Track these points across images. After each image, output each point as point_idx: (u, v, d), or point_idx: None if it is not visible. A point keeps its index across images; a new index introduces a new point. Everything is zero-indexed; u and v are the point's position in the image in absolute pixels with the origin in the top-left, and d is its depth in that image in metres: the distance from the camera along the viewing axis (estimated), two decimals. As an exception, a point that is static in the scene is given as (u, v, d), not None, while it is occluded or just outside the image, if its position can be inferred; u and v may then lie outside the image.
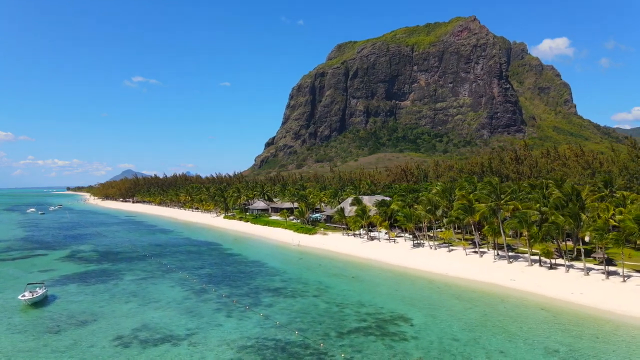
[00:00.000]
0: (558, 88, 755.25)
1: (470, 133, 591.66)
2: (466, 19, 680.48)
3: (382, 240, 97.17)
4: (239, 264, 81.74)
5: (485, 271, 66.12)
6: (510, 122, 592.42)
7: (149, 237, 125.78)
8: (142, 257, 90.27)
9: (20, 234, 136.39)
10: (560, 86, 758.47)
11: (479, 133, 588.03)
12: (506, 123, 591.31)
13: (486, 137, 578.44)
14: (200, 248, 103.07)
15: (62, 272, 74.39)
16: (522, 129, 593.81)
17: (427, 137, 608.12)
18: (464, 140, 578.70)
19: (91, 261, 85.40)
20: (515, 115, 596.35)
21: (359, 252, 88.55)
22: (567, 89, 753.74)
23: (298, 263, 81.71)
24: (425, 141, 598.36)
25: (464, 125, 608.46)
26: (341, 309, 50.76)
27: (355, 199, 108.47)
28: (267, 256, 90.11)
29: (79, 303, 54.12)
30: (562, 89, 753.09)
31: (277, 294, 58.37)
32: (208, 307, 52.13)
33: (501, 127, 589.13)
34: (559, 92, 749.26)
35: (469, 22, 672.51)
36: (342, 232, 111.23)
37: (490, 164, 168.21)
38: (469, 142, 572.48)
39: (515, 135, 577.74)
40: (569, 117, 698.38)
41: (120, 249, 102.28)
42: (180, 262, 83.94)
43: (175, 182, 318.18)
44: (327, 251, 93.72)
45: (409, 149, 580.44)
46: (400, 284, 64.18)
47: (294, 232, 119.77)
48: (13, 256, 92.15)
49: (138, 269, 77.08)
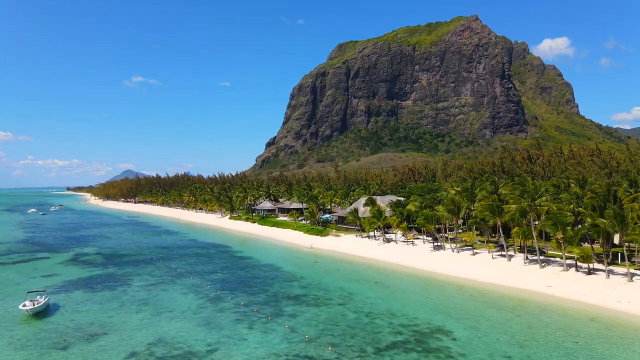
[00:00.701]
0: (560, 88, 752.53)
1: (473, 133, 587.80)
2: (468, 19, 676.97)
3: (399, 243, 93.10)
4: (252, 268, 77.65)
5: (517, 276, 62.09)
6: (513, 121, 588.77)
7: (154, 239, 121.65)
8: (149, 260, 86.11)
9: (21, 236, 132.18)
10: (562, 86, 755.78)
11: (481, 133, 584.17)
12: (508, 123, 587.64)
13: (489, 137, 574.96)
14: (209, 250, 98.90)
15: (66, 277, 70.27)
16: (524, 128, 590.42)
17: (429, 137, 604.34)
18: (466, 140, 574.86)
19: (96, 265, 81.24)
20: (518, 115, 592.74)
21: (377, 255, 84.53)
22: (569, 88, 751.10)
23: (314, 267, 77.65)
24: (427, 141, 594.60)
25: (466, 125, 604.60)
26: (372, 320, 46.69)
27: (369, 199, 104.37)
28: (280, 259, 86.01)
29: (86, 313, 50.01)
30: (564, 88, 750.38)
31: (299, 302, 54.31)
32: (227, 317, 48.05)
33: (503, 127, 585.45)
34: (560, 91, 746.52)
35: (470, 21, 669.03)
36: (356, 233, 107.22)
37: (502, 163, 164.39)
38: (472, 142, 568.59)
39: (518, 135, 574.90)
40: (571, 117, 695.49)
41: (126, 251, 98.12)
42: (190, 265, 79.81)
43: (177, 182, 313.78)
44: (343, 254, 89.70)
45: (410, 148, 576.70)
46: (427, 290, 60.14)
47: (304, 233, 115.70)
48: (14, 259, 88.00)
49: (146, 273, 72.96)
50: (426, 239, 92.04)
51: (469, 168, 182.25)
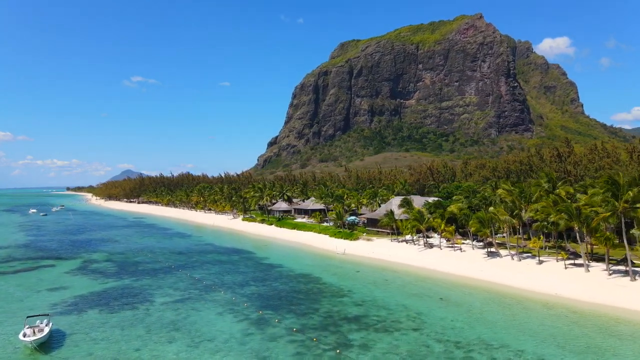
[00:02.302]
0: (564, 87, 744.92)
1: (478, 132, 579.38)
2: (472, 17, 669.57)
3: (444, 248, 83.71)
4: (286, 278, 68.07)
5: (607, 291, 52.63)
6: (519, 121, 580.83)
7: (167, 243, 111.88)
8: (168, 269, 76.35)
9: (22, 239, 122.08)
10: (566, 85, 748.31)
11: (486, 132, 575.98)
12: (514, 122, 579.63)
13: (494, 137, 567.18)
14: (231, 257, 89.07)
15: (76, 290, 60.52)
16: (530, 128, 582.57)
17: (433, 136, 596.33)
18: (471, 140, 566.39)
19: (108, 275, 71.48)
20: (524, 114, 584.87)
21: (423, 263, 75.01)
22: (573, 87, 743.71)
23: (358, 277, 68.07)
24: (431, 140, 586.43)
25: (471, 125, 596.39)
26: (467, 354, 37.09)
27: (405, 200, 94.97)
28: (315, 268, 76.27)
29: (106, 343, 40.16)
30: (568, 87, 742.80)
31: (362, 325, 44.75)
32: (283, 349, 38.38)
33: (509, 126, 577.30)
34: (565, 91, 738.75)
35: (475, 20, 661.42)
36: (390, 237, 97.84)
37: (530, 161, 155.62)
38: (477, 142, 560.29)
39: (524, 135, 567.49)
40: (576, 116, 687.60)
41: (139, 257, 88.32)
42: (215, 276, 70.13)
43: (181, 182, 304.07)
44: (382, 261, 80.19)
45: (415, 148, 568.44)
46: (508, 308, 50.66)
47: (330, 236, 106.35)
48: (15, 268, 78.11)
49: (168, 285, 63.22)
50: (475, 245, 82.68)
51: (492, 167, 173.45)
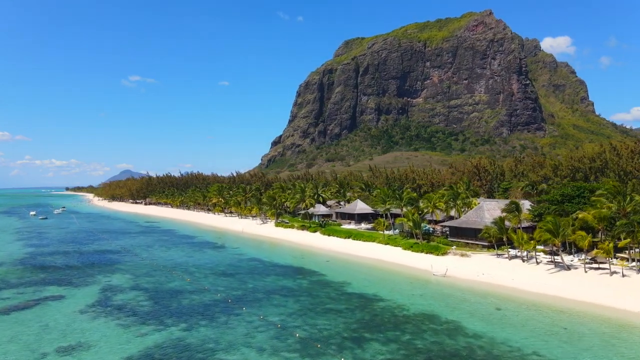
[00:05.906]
0: (573, 85, 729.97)
1: (489, 131, 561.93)
2: (481, 14, 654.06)
3: (581, 268, 62.78)
4: (408, 324, 46.60)
5: None
6: (531, 119, 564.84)
7: (200, 257, 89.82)
8: (223, 303, 54.46)
9: (20, 251, 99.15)
10: (576, 83, 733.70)
11: (498, 131, 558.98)
12: (526, 121, 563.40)
13: (505, 135, 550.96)
14: (297, 281, 67.06)
15: (102, 350, 39.04)
16: (542, 126, 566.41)
17: (442, 135, 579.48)
18: (482, 139, 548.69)
19: (142, 316, 49.59)
20: (536, 113, 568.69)
21: (582, 295, 53.54)
22: (583, 86, 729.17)
23: (506, 321, 46.85)
24: (441, 139, 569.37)
25: (481, 123, 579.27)
26: None
27: (513, 203, 74.17)
28: (435, 304, 53.56)
29: None
30: (577, 86, 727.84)
31: None
32: None
33: (521, 125, 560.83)
34: (574, 89, 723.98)
35: (484, 16, 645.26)
36: (488, 251, 77.00)
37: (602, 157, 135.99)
38: (488, 141, 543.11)
39: (536, 134, 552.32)
40: (587, 115, 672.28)
41: (175, 282, 66.40)
42: (300, 318, 48.27)
43: (191, 182, 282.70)
44: (505, 287, 59.06)
45: (424, 147, 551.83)
46: None
47: (403, 249, 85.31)
48: (9, 302, 56.11)
49: (240, 340, 41.31)
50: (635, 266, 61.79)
51: (554, 165, 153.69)
